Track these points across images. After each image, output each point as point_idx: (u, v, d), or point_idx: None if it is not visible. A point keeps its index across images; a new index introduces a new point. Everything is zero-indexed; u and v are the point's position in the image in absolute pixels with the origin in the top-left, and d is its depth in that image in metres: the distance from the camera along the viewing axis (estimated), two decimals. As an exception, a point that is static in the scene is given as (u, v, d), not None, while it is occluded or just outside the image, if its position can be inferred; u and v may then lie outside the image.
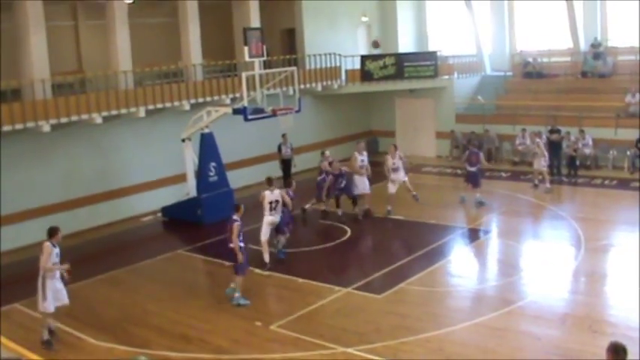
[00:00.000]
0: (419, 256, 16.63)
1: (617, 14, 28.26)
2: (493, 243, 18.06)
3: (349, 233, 18.70)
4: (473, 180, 20.83)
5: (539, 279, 14.72)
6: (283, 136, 23.13)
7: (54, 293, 12.34)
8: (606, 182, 22.85)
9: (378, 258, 17.06)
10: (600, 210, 19.64)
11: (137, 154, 21.88)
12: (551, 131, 24.44)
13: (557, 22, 29.25)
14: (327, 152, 21.29)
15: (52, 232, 12.55)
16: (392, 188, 20.17)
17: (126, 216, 21.52)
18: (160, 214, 21.74)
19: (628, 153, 24.11)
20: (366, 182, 20.11)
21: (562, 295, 14.02)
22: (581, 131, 24.64)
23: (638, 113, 24.67)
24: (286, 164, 23.66)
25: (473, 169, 20.76)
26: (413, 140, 29.46)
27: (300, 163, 24.19)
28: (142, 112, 20.82)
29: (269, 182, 16.50)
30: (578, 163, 24.12)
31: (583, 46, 28.45)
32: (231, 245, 13.81)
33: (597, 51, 27.85)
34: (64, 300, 12.55)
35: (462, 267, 16.37)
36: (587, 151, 24.55)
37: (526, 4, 30.53)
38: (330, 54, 26.81)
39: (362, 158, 20.24)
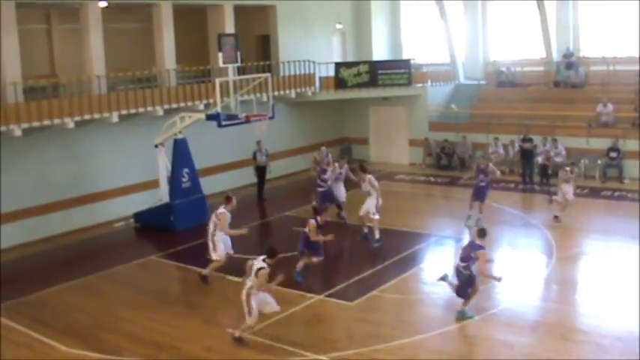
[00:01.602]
0: (392, 263, 16.66)
1: (589, 25, 28.69)
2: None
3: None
4: (485, 194, 19.63)
5: (511, 287, 14.77)
6: (258, 142, 23.06)
7: (224, 245, 15.13)
8: (578, 191, 22.95)
9: (351, 265, 17.09)
10: (572, 218, 19.78)
11: (110, 160, 21.66)
12: (524, 140, 24.68)
13: (531, 32, 29.57)
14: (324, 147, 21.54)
15: (229, 199, 15.25)
16: (363, 210, 18.35)
17: (98, 221, 21.31)
18: (132, 220, 21.54)
19: (599, 162, 24.42)
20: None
21: (534, 302, 14.14)
22: (554, 140, 24.87)
23: (609, 123, 25.06)
24: (261, 171, 23.59)
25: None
26: (386, 148, 29.62)
27: (274, 169, 24.18)
28: (115, 118, 20.64)
29: None
30: (550, 171, 24.31)
31: (555, 56, 28.80)
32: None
33: (569, 61, 28.16)
34: (230, 249, 15.32)
35: (435, 274, 16.35)
36: (559, 159, 24.75)
37: (500, 14, 30.85)
38: (304, 61, 26.81)
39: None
